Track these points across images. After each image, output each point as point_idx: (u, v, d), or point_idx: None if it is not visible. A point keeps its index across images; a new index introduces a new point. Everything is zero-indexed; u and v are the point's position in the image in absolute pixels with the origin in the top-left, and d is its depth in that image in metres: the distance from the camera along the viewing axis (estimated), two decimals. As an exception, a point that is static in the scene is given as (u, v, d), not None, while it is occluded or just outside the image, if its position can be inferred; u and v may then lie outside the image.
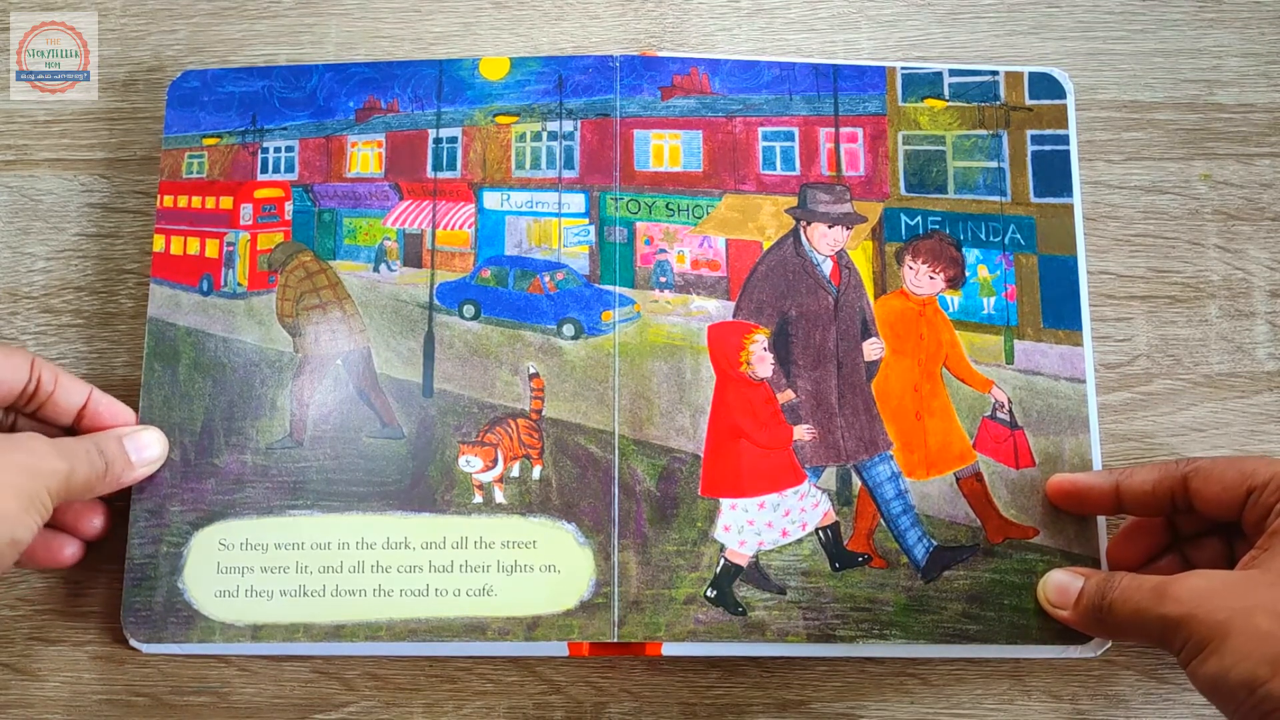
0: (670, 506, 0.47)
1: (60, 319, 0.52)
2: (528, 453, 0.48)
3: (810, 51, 0.54)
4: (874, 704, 0.47)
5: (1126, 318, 0.51)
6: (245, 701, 0.47)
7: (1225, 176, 0.53)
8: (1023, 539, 0.47)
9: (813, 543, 0.47)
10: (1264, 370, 0.51)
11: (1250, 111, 0.53)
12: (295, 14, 0.55)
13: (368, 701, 0.48)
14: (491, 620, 0.46)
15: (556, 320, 0.50)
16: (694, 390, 0.48)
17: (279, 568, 0.47)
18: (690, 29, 0.55)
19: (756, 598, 0.46)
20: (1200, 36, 0.54)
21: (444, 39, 0.55)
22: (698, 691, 0.48)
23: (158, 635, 0.46)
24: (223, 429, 0.48)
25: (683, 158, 0.51)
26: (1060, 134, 0.51)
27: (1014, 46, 0.54)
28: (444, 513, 0.47)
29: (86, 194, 0.53)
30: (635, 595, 0.46)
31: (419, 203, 0.51)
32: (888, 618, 0.46)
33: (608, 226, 0.51)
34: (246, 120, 0.52)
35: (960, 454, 0.48)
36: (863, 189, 0.51)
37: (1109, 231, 0.52)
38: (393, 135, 0.52)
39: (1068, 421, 0.48)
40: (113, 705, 0.47)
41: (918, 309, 0.50)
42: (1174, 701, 0.47)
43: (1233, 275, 0.52)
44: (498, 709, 0.48)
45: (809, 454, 0.48)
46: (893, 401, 0.49)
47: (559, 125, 0.51)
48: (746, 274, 0.50)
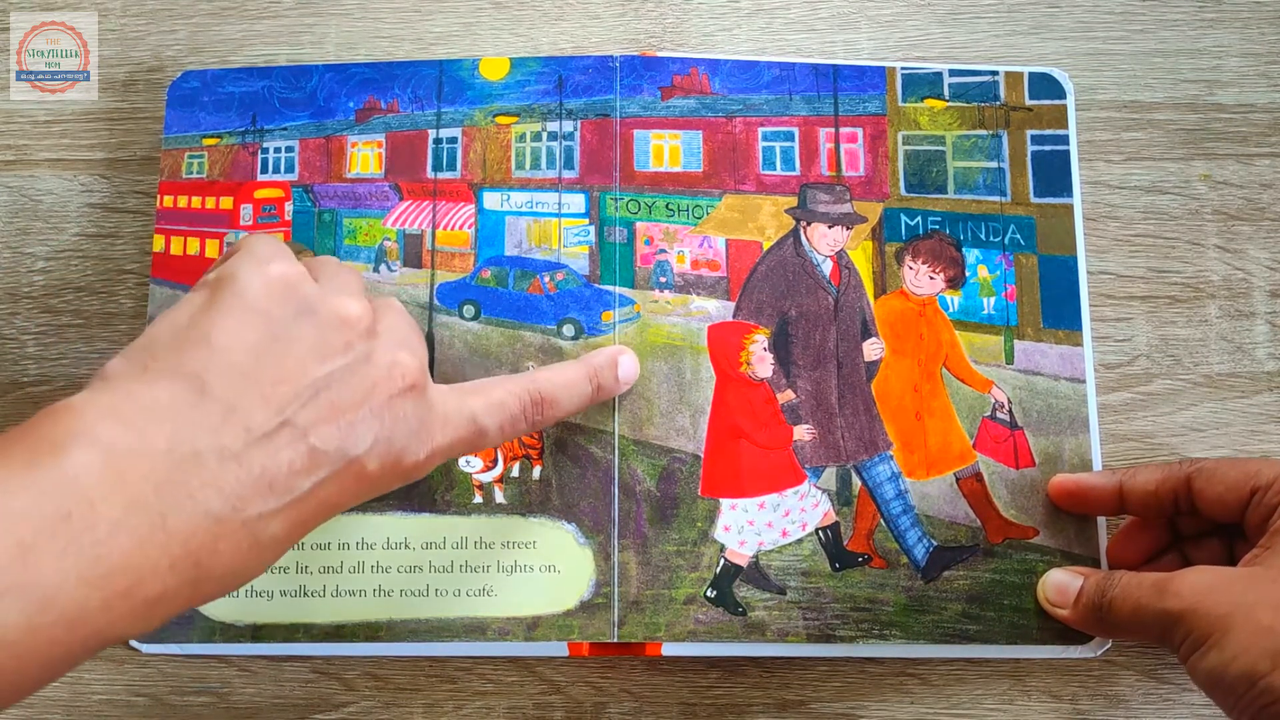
0: (670, 507, 0.47)
1: (60, 319, 0.52)
2: (528, 453, 0.48)
3: (810, 51, 0.54)
4: (874, 704, 0.47)
5: (1126, 318, 0.51)
6: (245, 701, 0.47)
7: (1225, 176, 0.53)
8: (1023, 539, 0.47)
9: (813, 543, 0.47)
10: (1264, 370, 0.51)
11: (1250, 111, 0.53)
12: (295, 14, 0.55)
13: (368, 701, 0.48)
14: (491, 620, 0.46)
15: (556, 320, 0.50)
16: (694, 390, 0.48)
17: (279, 568, 0.47)
18: (690, 29, 0.55)
19: (756, 598, 0.46)
20: (1200, 36, 0.54)
21: (444, 39, 0.55)
22: (698, 691, 0.48)
23: (157, 635, 0.46)
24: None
25: (683, 158, 0.51)
26: (1060, 134, 0.51)
27: (1014, 46, 0.54)
28: (444, 513, 0.47)
29: (86, 194, 0.53)
30: (635, 595, 0.46)
31: (419, 203, 0.51)
32: (888, 618, 0.46)
33: (608, 227, 0.51)
34: (246, 120, 0.52)
35: (960, 454, 0.48)
36: (863, 189, 0.51)
37: (1109, 231, 0.52)
38: (393, 135, 0.52)
39: (1068, 422, 0.48)
40: (113, 705, 0.47)
41: (918, 309, 0.50)
42: (1174, 702, 0.47)
43: (1233, 275, 0.52)
44: (497, 709, 0.48)
45: (809, 454, 0.48)
46: (893, 401, 0.49)
47: (559, 125, 0.51)
48: (746, 274, 0.50)
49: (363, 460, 0.34)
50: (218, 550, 0.30)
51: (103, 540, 0.28)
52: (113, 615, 0.29)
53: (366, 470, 0.34)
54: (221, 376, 0.32)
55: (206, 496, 0.30)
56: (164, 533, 0.29)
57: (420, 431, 0.36)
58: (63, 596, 0.27)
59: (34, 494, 0.28)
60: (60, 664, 0.28)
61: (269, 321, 0.34)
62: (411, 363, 0.36)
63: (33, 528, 0.27)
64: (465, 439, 0.38)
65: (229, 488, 0.31)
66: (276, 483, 0.32)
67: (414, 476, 0.37)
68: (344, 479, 0.34)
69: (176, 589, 0.30)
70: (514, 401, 0.40)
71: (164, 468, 0.30)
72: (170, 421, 0.31)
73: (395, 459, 0.35)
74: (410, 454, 0.36)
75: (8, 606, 0.27)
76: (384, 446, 0.35)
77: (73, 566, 0.28)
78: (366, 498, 0.35)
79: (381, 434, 0.34)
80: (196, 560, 0.30)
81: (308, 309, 0.35)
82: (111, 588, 0.28)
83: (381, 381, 0.35)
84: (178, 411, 0.31)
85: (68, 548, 0.28)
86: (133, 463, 0.29)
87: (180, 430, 0.31)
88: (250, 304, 0.34)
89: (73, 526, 0.28)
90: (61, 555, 0.28)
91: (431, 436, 0.36)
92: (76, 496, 0.28)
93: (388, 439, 0.35)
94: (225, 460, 0.31)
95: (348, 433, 0.33)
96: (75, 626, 0.28)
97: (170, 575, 0.30)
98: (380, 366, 0.35)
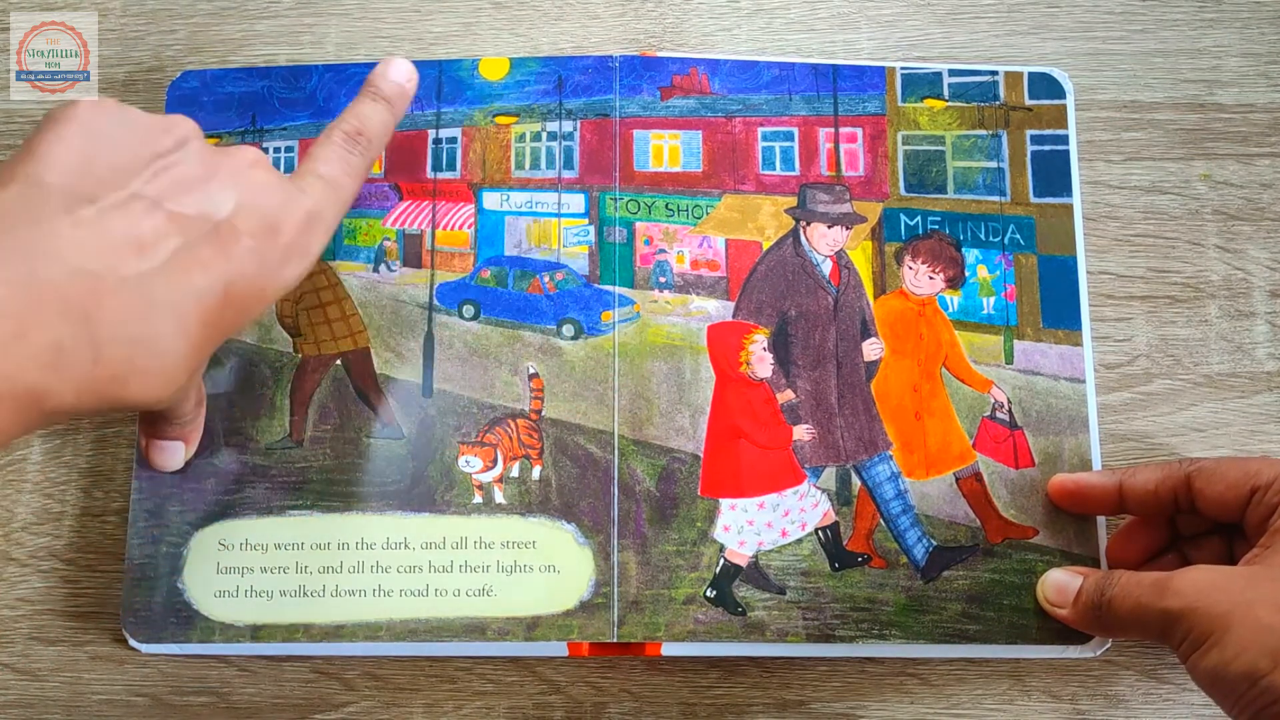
0: (670, 506, 0.47)
1: (60, 319, 0.52)
2: (527, 453, 0.48)
3: (810, 51, 0.54)
4: (874, 704, 0.47)
5: (1126, 318, 0.51)
6: (245, 701, 0.47)
7: (1225, 176, 0.53)
8: (1022, 539, 0.47)
9: (812, 543, 0.47)
10: (1264, 370, 0.51)
11: (1250, 111, 0.53)
12: (295, 14, 0.55)
13: (368, 701, 0.48)
14: (491, 620, 0.46)
15: (556, 320, 0.50)
16: (693, 390, 0.48)
17: (279, 568, 0.47)
18: (690, 29, 0.55)
19: (756, 598, 0.46)
20: (1200, 36, 0.54)
21: (444, 39, 0.55)
22: (698, 691, 0.48)
23: (157, 635, 0.46)
24: (222, 429, 0.48)
25: (682, 158, 0.51)
26: (1060, 134, 0.51)
27: (1014, 46, 0.54)
28: (444, 513, 0.47)
29: (86, 194, 0.53)
30: (635, 595, 0.46)
31: (418, 203, 0.51)
32: (887, 618, 0.46)
33: (607, 227, 0.51)
34: (246, 121, 0.52)
35: (960, 454, 0.48)
36: (862, 189, 0.51)
37: (1109, 231, 0.52)
38: (392, 135, 0.52)
39: (1067, 421, 0.48)
40: (113, 705, 0.47)
41: (917, 309, 0.50)
42: (1174, 701, 0.47)
43: (1233, 275, 0.52)
44: (497, 709, 0.48)
45: (808, 454, 0.48)
46: (892, 401, 0.49)
47: (558, 125, 0.52)
48: (746, 274, 0.50)
49: (232, 223, 0.36)
50: (104, 305, 0.33)
51: None
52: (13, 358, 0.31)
53: (239, 234, 0.36)
54: (57, 173, 0.34)
55: (70, 255, 0.32)
56: (37, 283, 0.32)
57: (286, 200, 0.38)
58: None
59: None
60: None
61: (91, 131, 0.36)
62: (253, 150, 0.38)
63: None
64: (327, 194, 0.40)
65: (91, 247, 0.33)
66: (144, 245, 0.34)
67: (306, 249, 0.38)
68: (220, 244, 0.35)
69: (74, 339, 0.32)
70: (335, 148, 0.41)
71: (25, 239, 0.32)
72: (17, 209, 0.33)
73: (271, 224, 0.37)
74: (288, 218, 0.37)
75: None
76: (251, 211, 0.36)
77: None
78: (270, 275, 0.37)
79: (244, 199, 0.36)
80: (84, 312, 0.32)
81: (130, 119, 0.37)
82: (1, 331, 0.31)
83: (227, 159, 0.37)
84: (22, 202, 0.33)
85: None
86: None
87: (30, 212, 0.33)
88: (70, 122, 0.36)
89: None
90: None
91: (300, 201, 0.38)
92: None
93: (252, 204, 0.36)
94: (80, 227, 0.33)
95: (203, 198, 0.35)
96: None
97: (61, 322, 0.32)
98: (222, 152, 0.37)
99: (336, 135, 0.42)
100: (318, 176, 0.40)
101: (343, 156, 0.41)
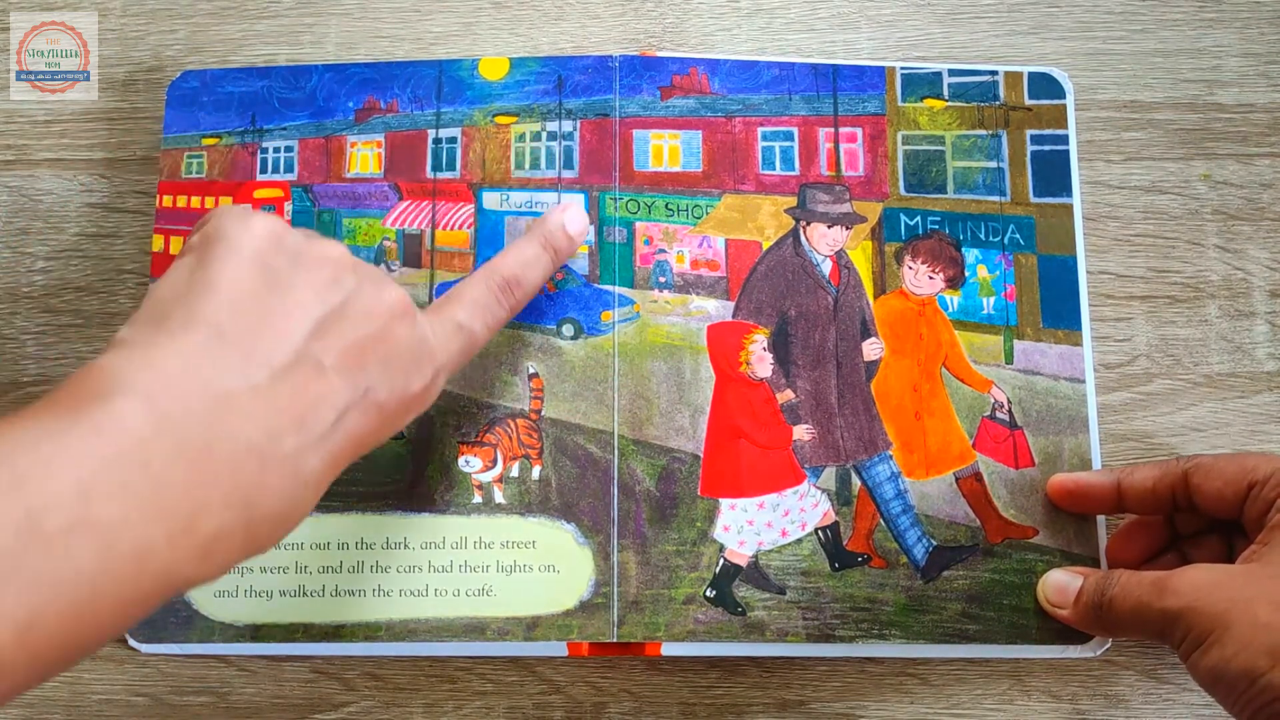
0: (670, 506, 0.47)
1: (60, 319, 0.52)
2: (527, 453, 0.48)
3: (810, 51, 0.54)
4: (874, 704, 0.47)
5: (1126, 318, 0.51)
6: (245, 701, 0.47)
7: (1225, 176, 0.53)
8: (1022, 539, 0.47)
9: (812, 543, 0.47)
10: (1264, 370, 0.51)
11: (1250, 111, 0.53)
12: (295, 14, 0.55)
13: (368, 701, 0.48)
14: (491, 620, 0.46)
15: (556, 320, 0.50)
16: (693, 390, 0.48)
17: (278, 568, 0.47)
18: (690, 29, 0.55)
19: (756, 598, 0.46)
20: (1200, 36, 0.54)
21: (444, 39, 0.55)
22: (697, 691, 0.48)
23: (157, 635, 0.46)
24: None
25: (682, 158, 0.51)
26: (1060, 134, 0.51)
27: (1014, 46, 0.54)
28: (443, 513, 0.47)
29: (86, 194, 0.53)
30: (634, 595, 0.46)
31: (418, 203, 0.51)
32: (887, 618, 0.46)
33: (607, 226, 0.51)
34: (246, 120, 0.52)
35: (960, 454, 0.48)
36: (862, 189, 0.51)
37: (1109, 231, 0.52)
38: (392, 135, 0.52)
39: (1067, 421, 0.48)
40: (113, 705, 0.47)
41: (917, 309, 0.50)
42: (1174, 701, 0.47)
43: (1233, 275, 0.52)
44: (497, 709, 0.48)
45: (808, 454, 0.48)
46: (892, 401, 0.49)
47: (558, 125, 0.52)
48: (746, 274, 0.50)
49: (375, 389, 0.35)
50: (265, 484, 0.31)
51: (158, 475, 0.29)
52: (177, 552, 0.29)
53: (379, 399, 0.35)
54: (235, 319, 0.33)
55: (245, 430, 0.31)
56: (213, 466, 0.30)
57: (421, 355, 0.37)
58: (128, 532, 0.28)
59: (86, 437, 0.28)
60: (133, 606, 0.29)
61: (264, 267, 0.35)
62: (397, 292, 0.37)
63: (89, 469, 0.28)
64: (460, 348, 0.40)
65: (263, 420, 0.31)
66: (305, 416, 0.32)
67: (424, 402, 0.38)
68: (364, 410, 0.35)
69: (232, 526, 0.30)
70: (486, 294, 0.41)
71: (203, 407, 0.30)
72: (199, 366, 0.31)
73: (403, 386, 0.36)
74: (416, 378, 0.37)
75: (78, 544, 0.27)
76: (390, 375, 0.36)
77: (134, 502, 0.28)
78: (388, 433, 0.36)
79: (387, 362, 0.36)
80: (246, 496, 0.31)
81: (295, 253, 0.36)
82: (172, 522, 0.29)
83: (376, 313, 0.36)
84: (204, 356, 0.32)
85: (126, 485, 0.28)
86: (173, 405, 0.30)
87: (210, 372, 0.31)
88: (243, 253, 0.35)
89: (127, 465, 0.28)
90: (121, 492, 0.28)
91: (432, 357, 0.38)
92: (127, 437, 0.29)
93: (393, 367, 0.36)
94: (255, 395, 0.32)
95: (358, 363, 0.35)
96: (144, 562, 0.28)
97: (225, 511, 0.30)
98: (370, 299, 0.36)
99: (493, 281, 0.41)
100: (458, 326, 0.39)
101: (489, 307, 0.41)
